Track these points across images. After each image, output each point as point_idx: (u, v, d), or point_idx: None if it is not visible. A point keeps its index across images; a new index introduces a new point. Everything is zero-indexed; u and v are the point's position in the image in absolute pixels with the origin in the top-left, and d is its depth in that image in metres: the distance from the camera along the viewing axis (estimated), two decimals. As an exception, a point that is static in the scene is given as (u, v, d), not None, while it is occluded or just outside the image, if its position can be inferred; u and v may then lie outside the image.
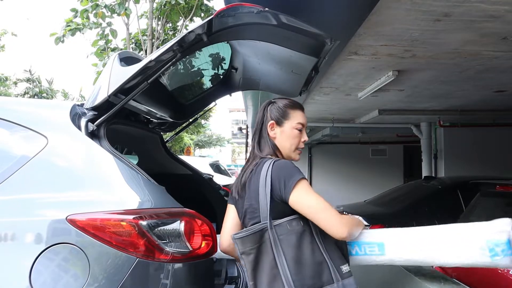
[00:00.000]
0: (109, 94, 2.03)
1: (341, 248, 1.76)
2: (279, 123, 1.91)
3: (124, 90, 2.07)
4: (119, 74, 2.06)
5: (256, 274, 1.67)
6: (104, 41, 9.97)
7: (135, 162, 3.39)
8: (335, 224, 1.62)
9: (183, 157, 6.55)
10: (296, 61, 2.62)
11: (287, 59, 2.63)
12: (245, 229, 1.74)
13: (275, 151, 1.90)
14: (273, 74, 3.00)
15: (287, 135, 1.90)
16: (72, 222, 1.75)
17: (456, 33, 3.69)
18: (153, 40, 9.73)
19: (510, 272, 3.07)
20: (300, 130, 1.92)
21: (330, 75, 5.39)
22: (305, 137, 1.94)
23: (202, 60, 3.19)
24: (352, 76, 5.45)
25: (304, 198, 1.66)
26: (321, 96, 6.95)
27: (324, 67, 4.01)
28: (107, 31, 9.73)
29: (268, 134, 1.91)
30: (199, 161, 8.57)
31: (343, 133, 10.54)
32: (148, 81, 2.08)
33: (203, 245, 1.87)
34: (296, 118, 1.92)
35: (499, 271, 3.21)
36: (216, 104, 3.65)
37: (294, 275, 1.60)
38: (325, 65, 2.97)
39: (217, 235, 2.01)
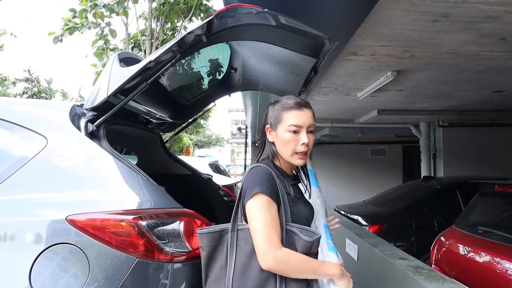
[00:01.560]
0: (108, 94, 2.04)
1: None
2: (273, 126, 1.80)
3: (123, 91, 2.08)
4: (119, 75, 2.06)
5: (208, 269, 1.69)
6: (103, 41, 9.96)
7: (134, 162, 3.40)
8: (259, 251, 1.55)
9: (183, 157, 6.55)
10: (295, 61, 2.63)
11: (286, 59, 2.64)
12: (208, 227, 1.76)
13: (275, 155, 1.82)
14: (273, 74, 3.00)
15: (280, 140, 1.77)
16: (72, 222, 1.76)
17: (454, 33, 3.70)
18: (152, 40, 9.72)
19: (508, 272, 3.08)
20: (295, 132, 1.74)
21: (329, 76, 5.41)
22: (303, 139, 1.74)
23: (201, 60, 3.19)
24: (351, 76, 5.46)
25: (251, 214, 1.60)
26: (320, 96, 6.96)
27: (323, 68, 4.02)
28: (106, 31, 9.73)
29: (267, 138, 1.84)
30: (198, 161, 8.57)
31: (342, 133, 10.58)
32: (148, 82, 2.08)
33: (202, 245, 1.88)
34: (288, 120, 1.75)
35: (497, 270, 3.22)
36: (215, 104, 3.65)
37: (236, 281, 1.59)
38: (324, 65, 2.98)
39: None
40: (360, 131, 10.80)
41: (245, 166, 18.92)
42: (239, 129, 22.05)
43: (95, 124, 2.06)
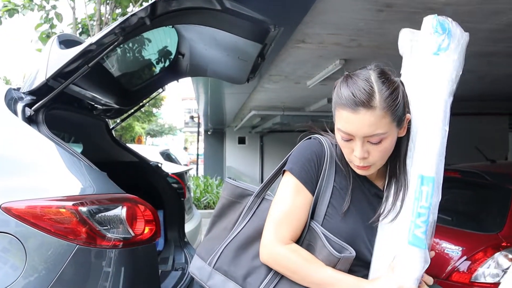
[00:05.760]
0: (47, 77, 1.96)
1: None
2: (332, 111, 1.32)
3: (63, 74, 2.00)
4: (58, 57, 1.99)
5: (214, 223, 1.50)
6: (49, 25, 9.54)
7: (79, 150, 3.31)
8: (262, 240, 1.29)
9: (135, 146, 6.43)
10: (242, 47, 2.63)
11: (233, 45, 2.63)
12: (239, 181, 1.50)
13: None
14: (220, 60, 2.99)
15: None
16: (7, 210, 1.69)
17: (398, 23, 3.78)
18: (101, 25, 9.42)
19: (445, 251, 3.24)
20: (347, 140, 1.23)
21: (278, 63, 5.44)
22: (356, 152, 1.21)
23: (148, 45, 3.14)
24: (300, 64, 5.52)
25: (277, 192, 1.34)
26: (271, 84, 7.01)
27: (271, 55, 4.04)
28: (51, 14, 9.32)
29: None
30: (149, 149, 8.48)
31: (294, 121, 10.67)
32: (89, 65, 2.01)
33: (146, 231, 1.86)
34: (337, 120, 1.25)
35: (437, 251, 3.38)
36: (164, 90, 3.60)
37: (228, 251, 1.38)
38: (272, 52, 3.00)
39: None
40: (312, 119, 10.94)
41: (197, 155, 18.81)
42: (192, 117, 21.93)
43: (33, 108, 1.98)
